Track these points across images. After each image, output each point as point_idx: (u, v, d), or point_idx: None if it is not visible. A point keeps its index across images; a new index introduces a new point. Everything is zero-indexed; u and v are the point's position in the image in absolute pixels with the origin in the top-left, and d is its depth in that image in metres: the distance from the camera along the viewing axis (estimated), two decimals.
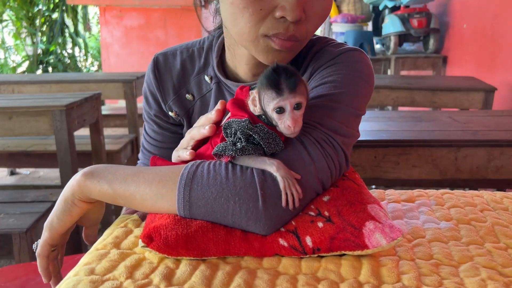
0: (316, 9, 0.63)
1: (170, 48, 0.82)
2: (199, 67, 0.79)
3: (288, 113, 0.53)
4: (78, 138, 2.08)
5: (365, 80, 0.68)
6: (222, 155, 0.55)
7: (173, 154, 0.68)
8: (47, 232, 0.62)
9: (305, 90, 0.55)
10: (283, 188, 0.53)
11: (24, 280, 1.02)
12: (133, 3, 5.06)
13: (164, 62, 0.80)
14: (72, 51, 6.52)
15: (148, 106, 0.82)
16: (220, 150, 0.55)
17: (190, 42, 0.83)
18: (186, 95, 0.79)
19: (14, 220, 1.47)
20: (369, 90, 0.69)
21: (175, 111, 0.79)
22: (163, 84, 0.80)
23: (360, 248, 0.52)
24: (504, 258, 0.55)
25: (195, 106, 0.79)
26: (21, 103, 1.76)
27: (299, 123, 0.54)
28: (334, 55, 0.69)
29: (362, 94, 0.67)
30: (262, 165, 0.55)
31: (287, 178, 0.54)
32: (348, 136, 0.64)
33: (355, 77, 0.67)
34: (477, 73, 2.92)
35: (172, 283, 0.48)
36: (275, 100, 0.53)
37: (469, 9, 3.29)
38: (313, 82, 0.68)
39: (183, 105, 0.79)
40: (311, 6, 0.62)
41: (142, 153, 0.85)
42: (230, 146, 0.54)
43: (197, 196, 0.55)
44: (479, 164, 1.39)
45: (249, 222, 0.54)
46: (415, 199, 0.76)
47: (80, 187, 0.59)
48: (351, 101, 0.65)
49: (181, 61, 0.80)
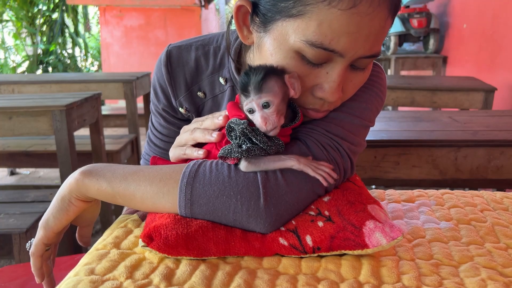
0: (355, 81, 0.61)
1: (184, 42, 0.78)
2: (214, 66, 0.76)
3: (256, 112, 0.54)
4: (78, 138, 2.08)
5: (378, 95, 0.68)
6: (227, 157, 0.56)
7: (173, 151, 0.67)
8: (42, 231, 0.61)
9: (276, 88, 0.54)
10: (313, 174, 0.55)
11: (24, 280, 1.02)
12: (133, 3, 5.06)
13: (177, 56, 0.76)
14: (72, 51, 6.53)
15: (156, 99, 0.79)
16: (226, 153, 0.55)
17: (206, 37, 0.78)
18: (198, 92, 0.77)
19: (14, 220, 1.47)
20: (380, 103, 0.69)
21: (186, 107, 0.77)
22: (175, 79, 0.76)
23: (360, 247, 0.52)
24: (504, 258, 0.55)
25: (206, 104, 0.77)
26: (21, 103, 1.76)
27: (271, 120, 0.54)
28: None
29: (372, 107, 0.67)
30: (280, 163, 0.55)
31: (310, 164, 0.55)
32: (355, 144, 0.63)
33: (368, 90, 0.67)
34: (477, 73, 2.92)
35: (172, 283, 0.48)
36: (244, 102, 0.55)
37: (469, 9, 3.29)
38: None
39: (194, 102, 0.77)
40: (351, 81, 0.60)
41: (148, 144, 0.83)
42: (235, 148, 0.55)
43: (198, 194, 0.55)
44: (479, 164, 1.39)
45: (249, 220, 0.54)
46: (415, 199, 0.76)
47: (78, 185, 0.58)
48: (361, 113, 0.65)
49: (196, 57, 0.76)
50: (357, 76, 0.60)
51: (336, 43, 0.53)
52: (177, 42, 0.78)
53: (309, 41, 0.53)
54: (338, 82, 0.57)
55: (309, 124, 0.63)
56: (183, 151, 0.64)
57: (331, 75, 0.57)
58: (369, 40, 0.54)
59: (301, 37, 0.54)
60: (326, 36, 0.52)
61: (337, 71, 0.56)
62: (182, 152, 0.64)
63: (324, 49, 0.54)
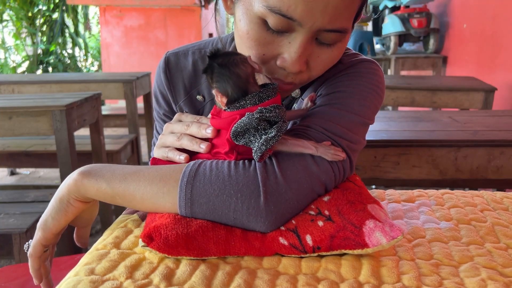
0: (322, 58, 0.62)
1: (181, 48, 0.80)
2: None
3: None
4: (78, 138, 2.08)
5: (376, 92, 0.68)
6: (265, 151, 0.54)
7: (156, 152, 0.66)
8: (40, 232, 0.61)
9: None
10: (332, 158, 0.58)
11: (24, 280, 1.02)
12: (133, 3, 5.06)
13: (175, 62, 0.79)
14: (72, 51, 6.53)
15: (158, 105, 0.81)
16: (264, 149, 0.53)
17: (202, 42, 0.81)
18: (197, 96, 0.78)
19: (14, 220, 1.47)
20: (379, 101, 0.69)
21: (186, 111, 0.78)
22: (174, 84, 0.78)
23: (360, 247, 0.52)
24: (504, 258, 0.55)
25: (205, 107, 0.78)
26: (21, 103, 1.76)
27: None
28: (348, 65, 0.69)
29: (372, 105, 0.67)
30: (301, 149, 0.57)
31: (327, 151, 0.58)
32: (354, 142, 0.63)
33: (366, 88, 0.67)
34: (477, 73, 2.92)
35: (172, 283, 0.48)
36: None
37: (469, 9, 3.29)
38: (324, 90, 0.68)
39: (193, 106, 0.78)
40: (317, 56, 0.61)
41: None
42: (266, 138, 0.53)
43: (199, 194, 0.55)
44: (479, 164, 1.39)
45: (250, 218, 0.54)
46: (415, 199, 0.76)
47: (77, 185, 0.58)
48: (360, 110, 0.65)
49: (193, 61, 0.78)
50: (324, 52, 0.61)
51: (293, 11, 0.55)
52: (174, 49, 0.81)
53: (269, 6, 0.55)
54: (299, 53, 0.59)
55: (306, 122, 0.63)
56: (166, 153, 0.64)
57: (293, 45, 0.59)
58: (327, 11, 0.55)
59: (263, 3, 0.56)
60: (284, 2, 0.55)
61: (299, 42, 0.58)
62: (165, 155, 0.64)
63: (283, 16, 0.56)
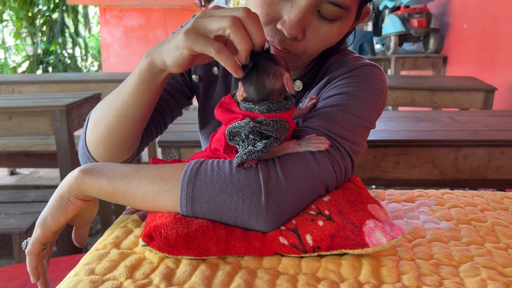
0: (320, 32, 0.65)
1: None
2: None
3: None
4: (78, 138, 2.08)
5: (379, 96, 0.69)
6: (246, 161, 0.55)
7: (194, 39, 0.55)
8: (39, 229, 0.60)
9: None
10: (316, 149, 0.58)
11: (24, 280, 1.02)
12: (133, 3, 5.07)
13: None
14: (72, 51, 6.53)
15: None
16: (244, 158, 0.54)
17: None
18: (213, 67, 0.79)
19: (14, 220, 1.47)
20: (381, 106, 0.70)
21: (199, 75, 0.79)
22: None
23: (360, 247, 0.52)
24: (504, 258, 0.55)
25: (216, 82, 0.79)
26: (21, 103, 1.76)
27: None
28: (352, 68, 0.70)
29: (374, 109, 0.68)
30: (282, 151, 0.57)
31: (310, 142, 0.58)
32: (357, 144, 0.64)
33: (369, 91, 0.68)
34: (477, 73, 2.92)
35: (172, 283, 0.48)
36: None
37: (469, 9, 3.29)
38: (328, 92, 0.68)
39: (207, 75, 0.79)
40: (315, 29, 0.64)
41: None
42: (251, 149, 0.54)
43: (200, 192, 0.55)
44: (479, 164, 1.39)
45: (251, 217, 0.54)
46: (415, 199, 0.76)
47: (78, 183, 0.58)
48: (362, 113, 0.65)
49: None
50: (323, 26, 0.64)
51: None
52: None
53: None
54: (299, 18, 0.62)
55: (310, 123, 0.63)
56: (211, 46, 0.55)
57: (294, 9, 0.62)
58: None
59: None
60: None
61: (300, 7, 0.61)
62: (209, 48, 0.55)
63: None
